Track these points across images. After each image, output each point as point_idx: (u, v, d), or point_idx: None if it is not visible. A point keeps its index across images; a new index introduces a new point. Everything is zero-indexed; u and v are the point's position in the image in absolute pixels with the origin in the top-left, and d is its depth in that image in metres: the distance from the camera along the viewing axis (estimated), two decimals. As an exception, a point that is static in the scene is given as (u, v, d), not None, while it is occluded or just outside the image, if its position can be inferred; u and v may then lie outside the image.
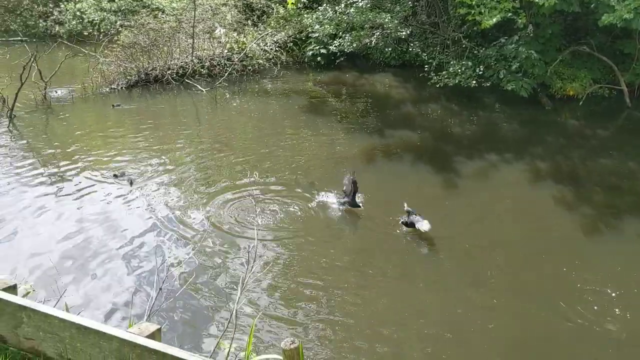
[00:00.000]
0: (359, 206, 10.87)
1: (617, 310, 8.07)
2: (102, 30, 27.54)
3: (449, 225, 10.47)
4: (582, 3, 16.31)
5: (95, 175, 12.72)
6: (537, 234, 10.31)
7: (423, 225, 9.77)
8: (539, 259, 9.51)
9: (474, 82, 18.31)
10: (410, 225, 10.05)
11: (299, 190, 11.99)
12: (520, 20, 17.34)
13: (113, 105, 18.30)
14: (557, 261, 9.37)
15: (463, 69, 18.73)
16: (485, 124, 17.18)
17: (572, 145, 15.18)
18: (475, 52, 19.73)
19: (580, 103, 17.56)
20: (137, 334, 3.91)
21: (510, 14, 16.94)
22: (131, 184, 12.23)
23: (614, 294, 8.47)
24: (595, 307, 8.16)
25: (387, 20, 19.77)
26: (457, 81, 18.51)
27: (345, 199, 10.96)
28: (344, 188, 11.06)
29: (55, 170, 13.13)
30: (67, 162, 13.58)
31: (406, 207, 10.16)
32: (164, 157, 13.97)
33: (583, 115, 17.39)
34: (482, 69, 18.76)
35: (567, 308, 8.20)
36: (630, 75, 17.92)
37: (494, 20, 16.74)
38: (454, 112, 18.37)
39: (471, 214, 10.77)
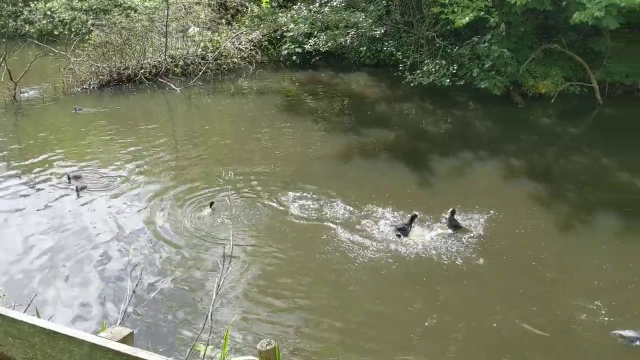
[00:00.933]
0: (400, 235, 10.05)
1: (591, 303, 8.17)
2: (73, 30, 27.18)
3: (424, 221, 10.52)
4: (553, 1, 16.51)
5: (65, 180, 12.47)
6: (511, 230, 10.39)
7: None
8: (511, 255, 9.59)
9: (448, 80, 18.42)
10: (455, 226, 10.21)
11: (276, 189, 11.94)
12: (492, 19, 17.51)
13: (75, 109, 17.73)
14: (530, 257, 9.48)
15: (437, 67, 18.82)
16: (459, 122, 17.32)
17: (545, 143, 15.37)
18: (448, 50, 19.85)
19: (552, 101, 17.80)
20: (109, 339, 3.83)
21: (482, 13, 17.10)
22: (77, 191, 11.78)
23: (589, 288, 8.60)
24: (571, 301, 8.27)
25: (361, 19, 19.81)
26: (431, 80, 18.60)
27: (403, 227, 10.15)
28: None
29: (24, 173, 12.89)
30: (37, 165, 13.35)
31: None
32: (136, 158, 13.81)
33: (555, 113, 17.62)
34: (455, 68, 18.86)
35: (540, 302, 8.30)
36: (601, 72, 18.21)
37: (467, 19, 16.89)
38: (428, 111, 18.48)
39: (445, 210, 10.76)
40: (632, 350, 7.33)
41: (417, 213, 10.35)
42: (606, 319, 7.82)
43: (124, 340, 3.88)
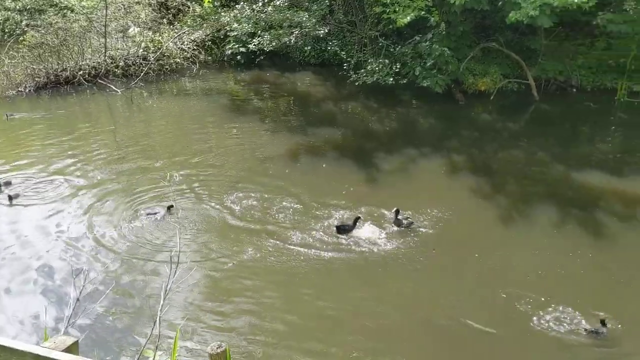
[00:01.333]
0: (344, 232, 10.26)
1: (533, 292, 8.46)
2: (6, 31, 26.23)
3: (370, 219, 10.65)
4: (490, 1, 16.98)
5: None
6: (454, 224, 10.64)
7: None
8: (455, 248, 9.84)
9: (391, 79, 18.69)
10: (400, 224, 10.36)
11: (223, 190, 11.84)
12: (433, 19, 17.86)
13: (6, 115, 17.06)
14: (473, 249, 9.74)
15: (380, 66, 19.06)
16: (403, 120, 17.60)
17: (485, 138, 15.81)
18: (391, 50, 20.15)
19: (492, 97, 18.32)
20: (52, 348, 3.73)
21: (423, 12, 17.42)
22: (10, 199, 11.33)
23: (530, 278, 8.91)
24: (513, 291, 8.53)
25: (304, 18, 19.85)
26: (375, 79, 18.82)
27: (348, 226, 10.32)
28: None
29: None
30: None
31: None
32: (74, 162, 13.42)
33: (494, 109, 18.13)
34: (398, 67, 19.15)
35: (483, 294, 8.55)
36: (536, 70, 18.87)
37: (408, 18, 17.17)
38: (373, 110, 18.69)
39: (392, 207, 10.94)
40: (571, 341, 7.65)
41: (360, 215, 10.49)
42: (550, 308, 8.13)
43: (69, 349, 3.80)
